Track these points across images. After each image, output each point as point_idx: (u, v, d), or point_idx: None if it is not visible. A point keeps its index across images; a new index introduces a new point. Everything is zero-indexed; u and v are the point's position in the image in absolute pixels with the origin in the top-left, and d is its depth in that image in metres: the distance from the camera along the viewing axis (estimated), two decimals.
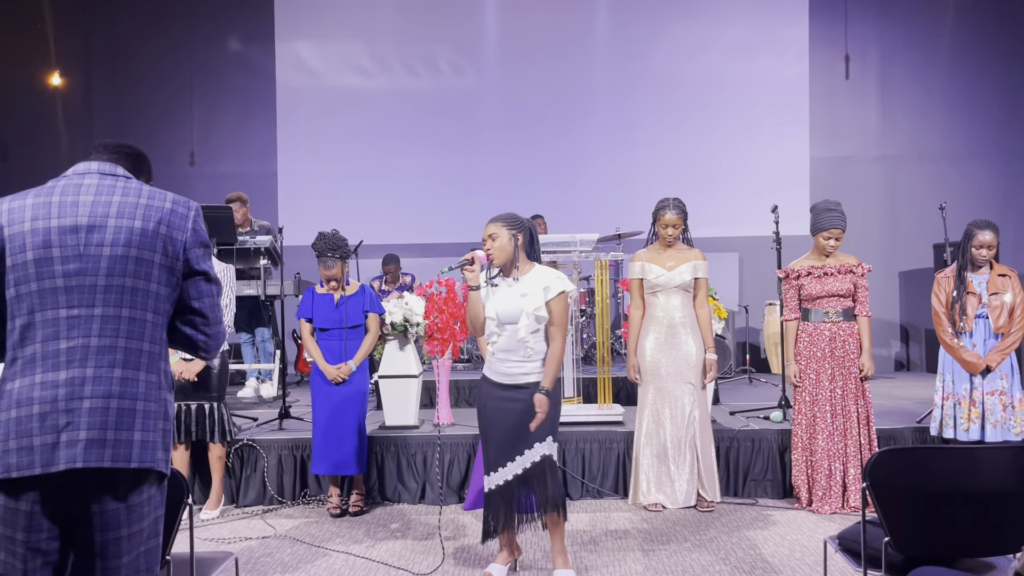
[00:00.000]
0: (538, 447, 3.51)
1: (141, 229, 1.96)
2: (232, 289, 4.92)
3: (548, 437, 3.53)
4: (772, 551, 4.05)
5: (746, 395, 6.83)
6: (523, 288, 3.50)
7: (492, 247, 3.50)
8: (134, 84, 9.54)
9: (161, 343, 1.99)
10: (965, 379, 4.58)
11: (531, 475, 3.52)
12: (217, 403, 4.83)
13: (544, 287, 3.49)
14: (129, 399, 1.90)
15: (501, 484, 3.54)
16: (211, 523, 4.77)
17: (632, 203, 8.95)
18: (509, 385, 3.53)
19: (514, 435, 3.50)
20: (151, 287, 1.97)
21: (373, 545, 4.29)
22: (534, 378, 3.50)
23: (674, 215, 4.67)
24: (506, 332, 3.51)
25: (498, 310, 3.51)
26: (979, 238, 4.57)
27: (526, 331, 3.46)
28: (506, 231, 3.51)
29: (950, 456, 2.26)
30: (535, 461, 3.51)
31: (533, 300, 3.47)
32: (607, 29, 9.47)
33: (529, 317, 3.45)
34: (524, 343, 3.47)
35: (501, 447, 3.54)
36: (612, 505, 4.93)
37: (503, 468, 3.54)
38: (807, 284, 4.73)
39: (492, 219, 3.58)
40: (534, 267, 3.58)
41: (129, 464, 1.87)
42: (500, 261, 3.53)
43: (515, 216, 3.59)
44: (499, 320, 3.51)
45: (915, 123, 9.25)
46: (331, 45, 9.59)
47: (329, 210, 8.94)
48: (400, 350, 5.36)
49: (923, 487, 2.24)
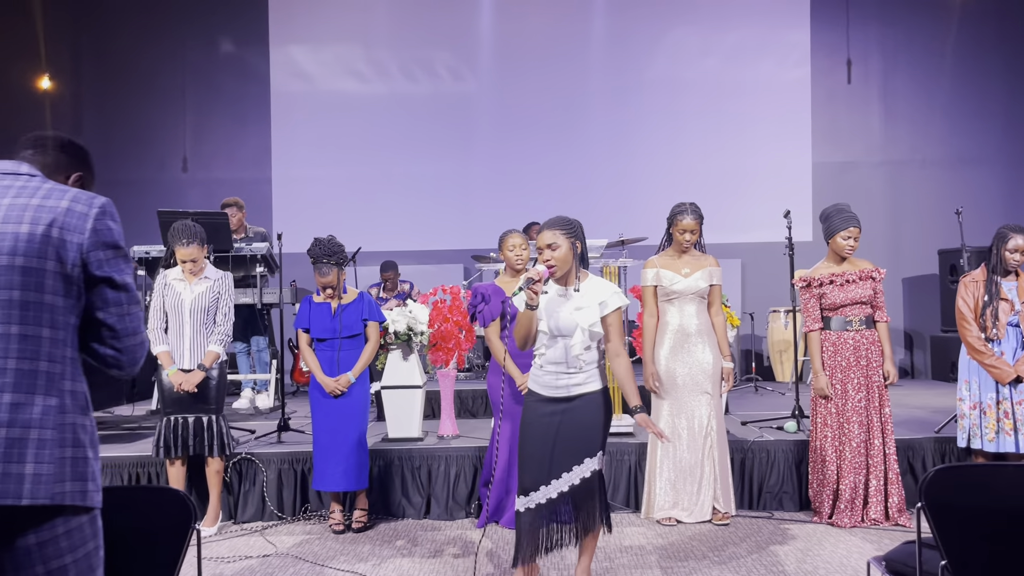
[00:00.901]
0: (588, 462, 3.32)
1: (28, 234, 1.73)
2: (232, 297, 4.76)
3: (599, 452, 3.35)
4: (796, 567, 3.90)
5: (754, 404, 6.69)
6: (579, 301, 3.31)
7: (553, 257, 3.26)
8: (125, 88, 9.36)
9: (64, 361, 1.77)
10: (991, 387, 4.44)
11: (579, 491, 3.31)
12: (215, 416, 4.66)
13: (600, 301, 3.31)
14: (20, 427, 1.69)
15: (543, 502, 3.30)
16: (209, 540, 4.58)
17: (632, 210, 8.84)
18: (559, 398, 3.34)
19: (562, 449, 3.30)
20: (44, 299, 1.74)
21: (379, 563, 4.12)
22: (585, 388, 3.32)
23: (692, 220, 4.54)
24: (558, 345, 3.32)
25: (551, 324, 3.31)
26: (1012, 242, 4.44)
27: (580, 347, 3.28)
28: (565, 239, 3.27)
29: (1014, 474, 2.12)
30: (585, 477, 3.31)
31: (589, 315, 3.29)
32: (606, 33, 9.36)
33: (584, 332, 3.27)
34: (577, 358, 3.29)
35: (548, 462, 3.31)
36: (625, 519, 4.77)
37: (546, 486, 3.31)
38: (830, 292, 4.59)
39: (547, 225, 3.31)
40: (588, 277, 3.39)
41: (20, 501, 1.65)
42: (562, 272, 3.30)
43: (570, 220, 3.35)
44: (551, 333, 3.32)
45: (918, 128, 9.18)
46: (326, 49, 9.45)
47: (325, 217, 8.76)
48: (403, 360, 5.20)
49: (986, 507, 2.10)
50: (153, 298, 4.69)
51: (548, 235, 3.28)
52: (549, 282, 3.31)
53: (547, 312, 3.31)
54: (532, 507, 3.32)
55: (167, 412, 4.62)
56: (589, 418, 3.31)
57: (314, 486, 4.70)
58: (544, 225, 3.32)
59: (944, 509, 2.13)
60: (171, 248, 4.65)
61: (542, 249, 3.28)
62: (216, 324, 4.66)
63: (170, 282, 4.66)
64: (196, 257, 4.58)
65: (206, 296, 4.64)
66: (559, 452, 3.29)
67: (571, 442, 3.29)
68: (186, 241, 4.54)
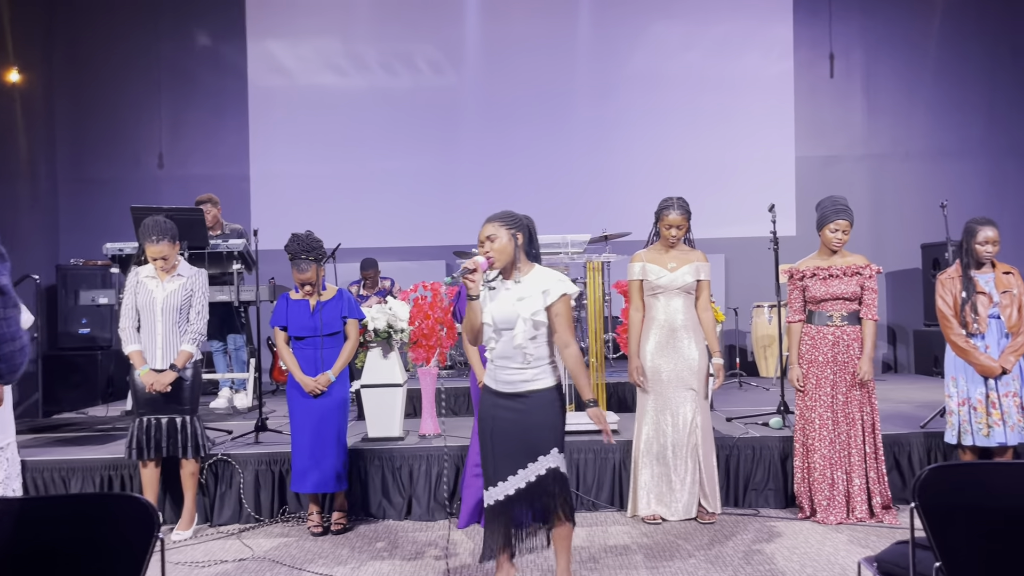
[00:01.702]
0: (543, 460, 3.27)
1: None
2: (205, 295, 4.63)
3: (554, 449, 3.29)
4: (784, 565, 3.84)
5: (739, 400, 6.64)
6: (521, 292, 3.28)
7: (492, 249, 3.27)
8: (98, 82, 9.17)
9: None
10: (979, 383, 4.39)
11: (535, 489, 3.27)
12: (189, 416, 4.54)
13: (543, 290, 3.26)
14: None
15: (501, 499, 3.29)
16: (183, 545, 4.47)
17: (615, 204, 8.77)
18: (509, 394, 3.30)
19: (516, 446, 3.26)
20: None
21: (358, 566, 4.02)
22: (535, 385, 3.27)
23: (678, 215, 4.46)
24: (503, 338, 3.29)
25: (494, 315, 3.28)
26: (982, 234, 4.41)
27: (523, 337, 3.23)
28: (505, 231, 3.28)
29: (1009, 472, 2.05)
30: (540, 475, 3.26)
31: (531, 304, 3.25)
32: (589, 27, 9.27)
33: (526, 323, 3.23)
34: (521, 349, 3.25)
35: (503, 459, 3.29)
36: (609, 518, 4.70)
37: (504, 482, 3.29)
38: (812, 285, 4.53)
39: (489, 219, 3.34)
40: (534, 268, 3.35)
41: None
42: (501, 263, 3.29)
43: (512, 214, 3.36)
44: (495, 326, 3.29)
45: (900, 121, 9.16)
46: (305, 43, 9.30)
47: (304, 213, 8.61)
48: (383, 358, 5.09)
49: (981, 507, 2.04)
50: (125, 296, 4.56)
51: (488, 227, 3.30)
52: (498, 277, 3.30)
53: (491, 304, 3.30)
54: (493, 503, 3.30)
55: (140, 413, 4.50)
56: (540, 417, 3.27)
57: (292, 488, 4.59)
58: (487, 219, 3.33)
59: (938, 509, 2.06)
60: (142, 245, 4.52)
61: (483, 242, 3.28)
62: (189, 323, 4.54)
63: (142, 280, 4.53)
64: (167, 255, 4.45)
65: (178, 294, 4.51)
66: (512, 449, 3.26)
67: (523, 440, 3.25)
68: (156, 238, 4.41)
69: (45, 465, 4.88)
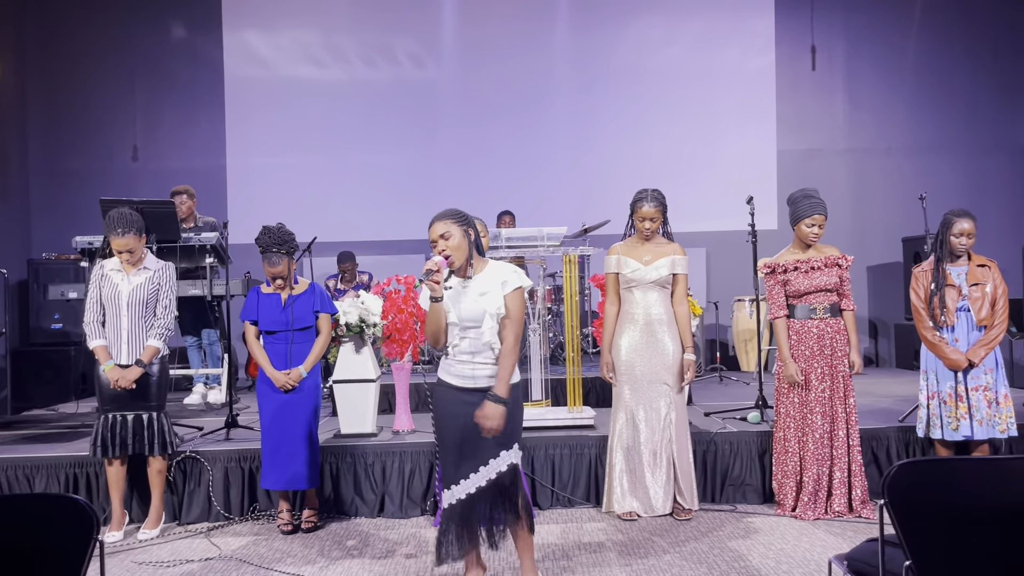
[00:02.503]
0: (504, 455, 3.22)
1: None
2: (173, 289, 4.52)
3: (514, 444, 3.25)
4: (759, 562, 3.79)
5: (718, 394, 6.59)
6: (481, 287, 3.23)
7: (448, 247, 3.17)
8: (72, 72, 9.00)
9: None
10: (949, 377, 4.36)
11: (497, 487, 3.21)
12: (156, 413, 4.44)
13: (502, 282, 3.23)
14: None
15: (463, 498, 3.22)
16: (150, 544, 4.37)
17: (595, 198, 8.69)
18: (472, 389, 3.23)
19: (478, 443, 3.19)
20: None
21: (328, 565, 3.94)
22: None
23: (652, 207, 4.40)
24: (469, 336, 3.23)
25: (460, 314, 3.22)
26: (957, 226, 4.38)
27: (491, 333, 3.20)
28: (458, 228, 3.20)
29: (978, 468, 2.00)
30: (501, 471, 3.21)
31: (494, 299, 3.20)
32: (571, 21, 9.19)
33: (493, 317, 3.20)
34: (489, 346, 3.21)
35: (464, 457, 3.22)
36: (585, 515, 4.63)
37: (465, 480, 3.22)
38: (793, 279, 4.48)
39: (438, 217, 3.23)
40: (487, 263, 3.31)
41: None
42: (459, 261, 3.21)
43: (460, 211, 3.28)
44: (462, 324, 3.22)
45: (882, 115, 9.13)
46: (282, 34, 9.16)
47: (281, 206, 8.48)
48: (356, 353, 5.00)
49: (951, 504, 1.98)
50: (89, 290, 4.44)
51: (439, 226, 3.20)
52: (451, 276, 3.20)
53: (452, 304, 3.22)
54: (454, 502, 3.22)
55: (105, 410, 4.39)
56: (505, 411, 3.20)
57: (262, 485, 4.50)
58: (435, 217, 3.24)
59: (908, 506, 2.00)
60: (107, 238, 4.41)
61: (435, 241, 3.19)
62: (156, 317, 4.43)
63: (107, 273, 4.42)
64: (133, 247, 4.34)
65: (145, 287, 4.41)
66: (474, 446, 3.19)
67: (486, 437, 3.18)
68: (121, 230, 4.30)
69: (8, 463, 4.77)
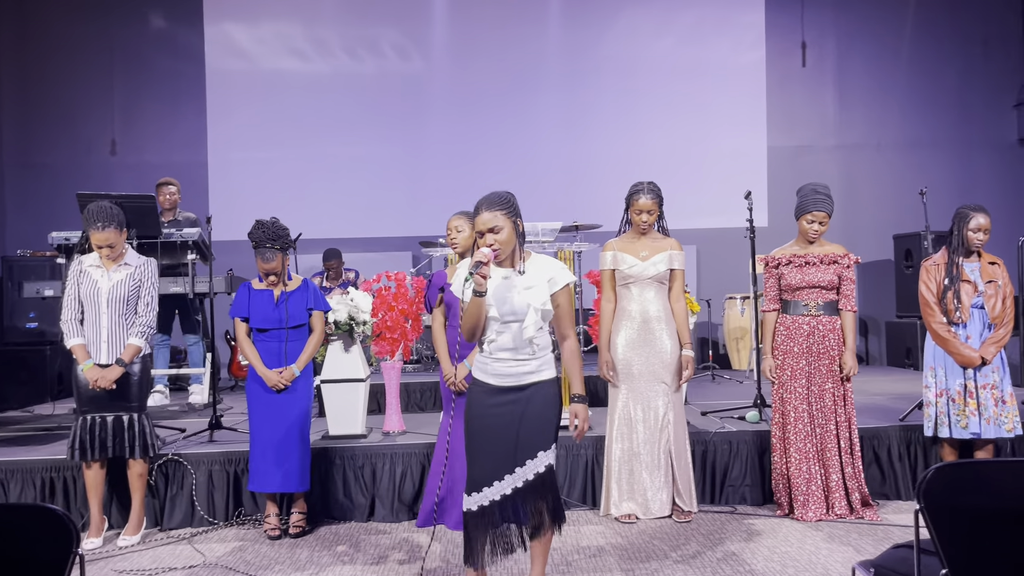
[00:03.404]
0: (542, 456, 3.05)
1: None
2: (155, 286, 4.35)
3: (552, 444, 3.09)
4: (763, 567, 3.68)
5: (713, 393, 6.50)
6: (527, 281, 3.04)
7: (497, 241, 2.96)
8: (49, 65, 8.77)
9: None
10: (959, 373, 4.28)
11: (533, 488, 3.04)
12: (137, 414, 4.27)
13: (549, 279, 3.06)
14: None
15: (497, 499, 3.03)
16: (131, 551, 4.20)
17: (586, 192, 8.59)
18: (510, 387, 3.06)
19: (515, 443, 3.03)
20: None
21: (318, 571, 3.79)
22: (539, 376, 3.06)
23: (649, 200, 4.29)
24: (510, 330, 3.04)
25: (502, 308, 3.02)
26: (975, 221, 4.29)
27: (533, 328, 3.01)
28: (508, 220, 2.97)
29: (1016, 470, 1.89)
30: (539, 472, 3.04)
31: (539, 294, 3.02)
32: (560, 13, 9.08)
33: (536, 312, 3.01)
34: (531, 342, 3.03)
35: (499, 457, 3.03)
36: (581, 517, 4.51)
37: (500, 482, 3.03)
38: (787, 273, 4.39)
39: (486, 206, 2.97)
40: (531, 255, 3.13)
41: None
42: (505, 254, 3.01)
43: (507, 197, 3.03)
44: (503, 319, 3.04)
45: (872, 112, 9.09)
46: (265, 25, 8.98)
47: (264, 202, 8.29)
48: (345, 352, 4.85)
49: (988, 508, 1.87)
50: (67, 286, 4.26)
51: (488, 217, 2.96)
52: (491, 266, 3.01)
53: (495, 297, 3.03)
54: (485, 504, 3.04)
55: (83, 411, 4.22)
56: (544, 408, 3.07)
57: (250, 487, 4.34)
58: (482, 205, 2.99)
59: (943, 511, 1.89)
60: (86, 232, 4.23)
61: (483, 232, 2.98)
62: (137, 315, 4.26)
63: (86, 269, 4.24)
64: (113, 242, 4.17)
65: (126, 284, 4.23)
66: (513, 446, 3.02)
67: (525, 434, 3.04)
68: (102, 225, 4.12)
69: None
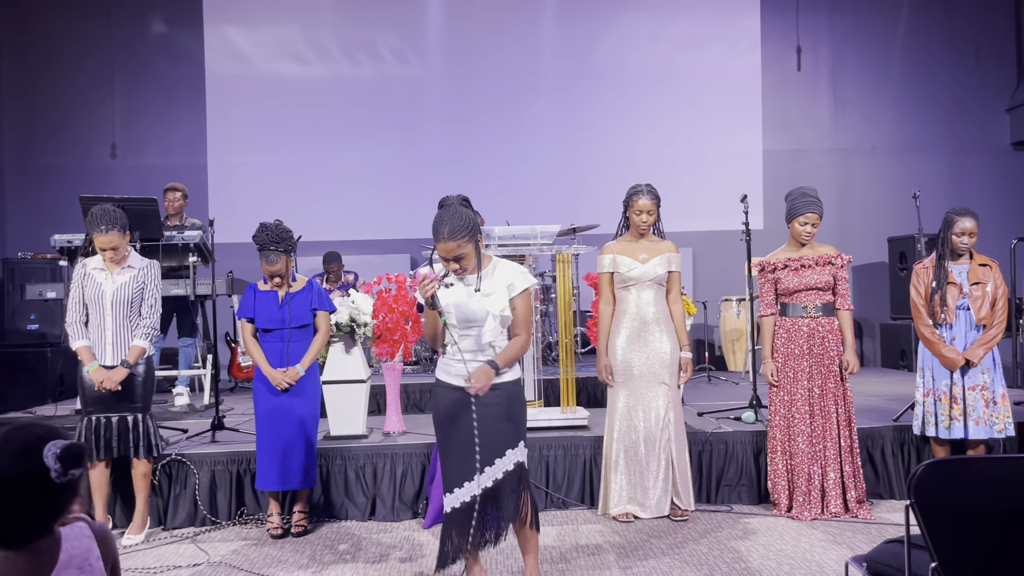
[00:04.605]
0: (510, 454, 3.14)
1: None
2: (158, 288, 4.40)
3: (520, 442, 3.17)
4: (759, 564, 3.74)
5: (709, 394, 6.56)
6: (487, 287, 3.14)
7: (462, 267, 3.07)
8: (49, 68, 8.82)
9: None
10: (946, 375, 4.36)
11: (504, 486, 3.12)
12: (141, 415, 4.32)
13: (508, 284, 3.15)
14: None
15: (468, 500, 3.12)
16: (135, 550, 4.25)
17: (582, 196, 8.66)
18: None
19: (482, 442, 3.09)
20: None
21: (320, 571, 3.84)
22: (500, 379, 3.12)
23: (648, 200, 4.35)
24: (471, 335, 3.14)
25: (461, 315, 3.12)
26: (959, 225, 4.37)
27: (491, 334, 3.12)
28: (470, 244, 3.05)
29: (1006, 467, 1.96)
30: (508, 470, 3.13)
31: (499, 300, 3.12)
32: (556, 18, 9.14)
33: (495, 319, 3.12)
34: (491, 346, 3.13)
35: (469, 457, 3.11)
36: (580, 516, 4.57)
37: (470, 482, 3.12)
38: (784, 277, 4.46)
39: (448, 233, 2.99)
40: (491, 260, 3.21)
41: None
42: (469, 273, 3.13)
43: (468, 221, 3.05)
44: (463, 324, 3.14)
45: (867, 116, 9.17)
46: (264, 29, 9.03)
47: (264, 205, 8.33)
48: (346, 353, 4.91)
49: (978, 504, 1.94)
50: (72, 289, 4.31)
51: (453, 246, 3.00)
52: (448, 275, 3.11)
53: (454, 305, 3.13)
54: (458, 505, 3.13)
55: (88, 412, 4.27)
56: (507, 408, 3.15)
57: (257, 486, 4.39)
58: (443, 231, 3.00)
59: (934, 507, 1.95)
60: (90, 235, 4.28)
61: (448, 260, 3.04)
62: (141, 317, 4.31)
63: (90, 272, 4.29)
64: (117, 245, 4.22)
65: (129, 287, 4.29)
66: (480, 445, 3.08)
67: (491, 434, 3.11)
68: (105, 228, 4.17)
69: None
